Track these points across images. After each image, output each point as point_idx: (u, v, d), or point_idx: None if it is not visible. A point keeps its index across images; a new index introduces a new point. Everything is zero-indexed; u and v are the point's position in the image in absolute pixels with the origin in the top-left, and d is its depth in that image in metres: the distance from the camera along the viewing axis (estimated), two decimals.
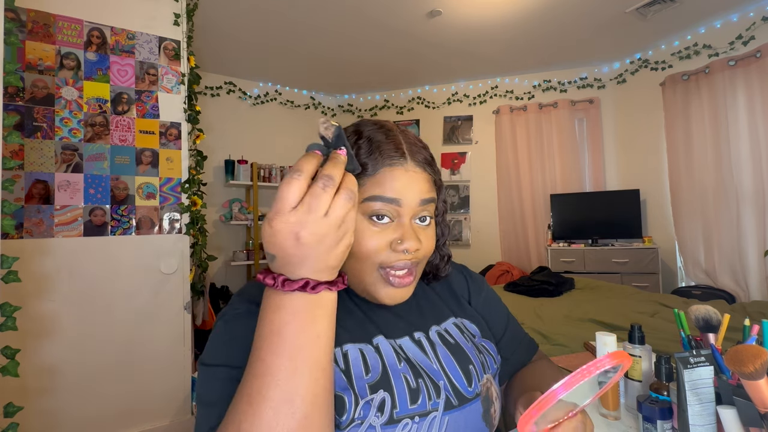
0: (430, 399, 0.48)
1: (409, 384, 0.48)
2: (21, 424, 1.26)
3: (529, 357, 0.69)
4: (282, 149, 4.20)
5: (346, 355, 0.49)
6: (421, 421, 0.47)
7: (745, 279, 2.82)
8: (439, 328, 0.58)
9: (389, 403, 0.46)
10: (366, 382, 0.47)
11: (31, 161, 1.72)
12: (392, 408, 0.46)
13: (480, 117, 4.17)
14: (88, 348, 1.78)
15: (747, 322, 0.69)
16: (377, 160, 0.50)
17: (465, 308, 0.65)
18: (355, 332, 0.52)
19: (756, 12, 2.79)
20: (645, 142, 3.55)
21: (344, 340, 0.50)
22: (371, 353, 0.50)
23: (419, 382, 0.49)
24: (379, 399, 0.46)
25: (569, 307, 2.18)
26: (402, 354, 0.52)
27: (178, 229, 2.01)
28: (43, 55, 1.76)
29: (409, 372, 0.50)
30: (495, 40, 3.29)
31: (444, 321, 0.60)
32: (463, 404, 0.50)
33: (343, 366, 0.48)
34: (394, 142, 0.52)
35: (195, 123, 2.15)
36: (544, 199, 3.83)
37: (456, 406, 0.50)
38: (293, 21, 2.91)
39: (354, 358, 0.49)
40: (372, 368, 0.49)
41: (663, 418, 0.66)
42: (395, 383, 0.48)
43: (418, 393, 0.48)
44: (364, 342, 0.51)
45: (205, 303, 2.60)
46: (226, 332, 0.47)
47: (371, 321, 0.54)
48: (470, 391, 0.52)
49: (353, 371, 0.48)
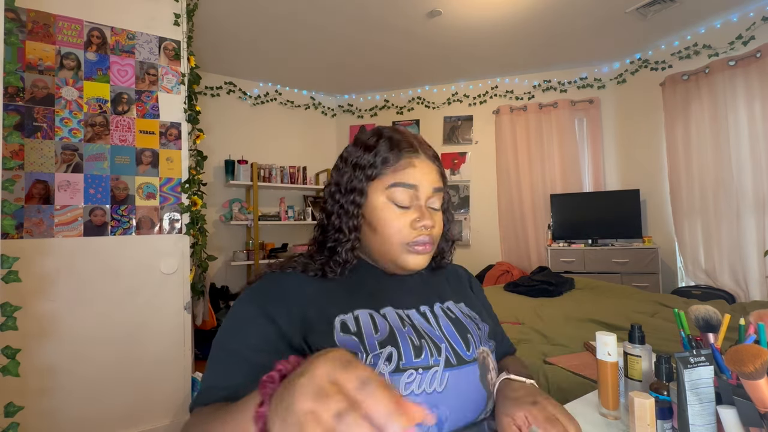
0: (431, 355, 0.55)
1: (413, 342, 0.55)
2: (21, 424, 1.26)
3: (509, 351, 0.79)
4: (282, 149, 4.20)
5: (357, 318, 0.56)
6: (425, 374, 0.53)
7: (745, 279, 2.82)
8: (442, 305, 0.65)
9: (396, 356, 0.53)
10: (375, 339, 0.54)
11: (31, 161, 1.72)
12: (398, 359, 0.52)
13: (480, 117, 4.17)
14: (89, 348, 1.78)
15: (742, 321, 0.69)
16: (397, 153, 0.61)
17: (468, 294, 0.73)
18: (366, 301, 0.59)
19: (756, 12, 2.79)
20: (645, 142, 3.54)
21: (356, 306, 0.57)
22: (379, 318, 0.57)
23: (422, 341, 0.56)
24: (387, 352, 0.53)
25: (569, 307, 2.18)
26: (407, 321, 0.59)
27: (178, 229, 2.01)
28: (43, 55, 1.76)
29: (413, 334, 0.57)
30: (495, 40, 3.29)
31: (447, 300, 0.67)
32: (461, 364, 0.57)
33: (355, 328, 0.55)
34: (408, 140, 0.63)
35: (195, 123, 2.15)
36: (544, 199, 3.83)
37: (454, 365, 0.56)
38: (293, 21, 2.91)
39: (365, 321, 0.56)
40: (380, 329, 0.56)
41: (663, 417, 0.66)
42: (401, 341, 0.55)
43: (421, 350, 0.55)
44: (374, 309, 0.58)
45: (205, 303, 2.60)
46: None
47: (383, 292, 0.62)
48: (468, 355, 0.58)
49: (364, 331, 0.54)
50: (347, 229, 0.61)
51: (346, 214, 0.61)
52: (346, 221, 0.61)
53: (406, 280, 0.66)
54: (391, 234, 0.60)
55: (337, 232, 0.62)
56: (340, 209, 0.62)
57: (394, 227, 0.59)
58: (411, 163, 0.61)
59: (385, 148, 0.61)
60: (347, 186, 0.62)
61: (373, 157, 0.61)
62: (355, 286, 0.61)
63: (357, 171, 0.61)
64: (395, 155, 0.61)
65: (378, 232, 0.60)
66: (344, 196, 0.62)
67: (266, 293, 0.57)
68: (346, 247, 0.61)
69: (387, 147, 0.61)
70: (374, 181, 0.61)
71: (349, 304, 0.57)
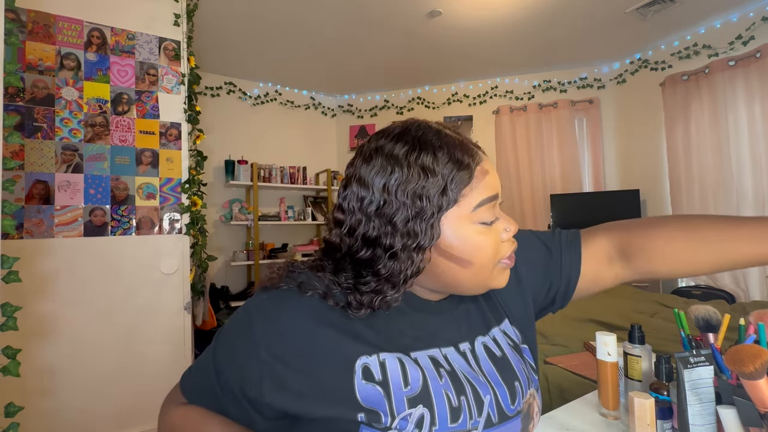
0: (471, 418, 0.45)
1: (450, 400, 0.45)
2: (21, 424, 1.26)
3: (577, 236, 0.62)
4: (282, 149, 4.20)
5: (384, 364, 0.45)
6: None
7: (745, 279, 2.82)
8: (485, 338, 0.54)
9: (428, 419, 0.43)
10: (404, 395, 0.44)
11: (32, 161, 1.72)
12: (431, 425, 0.43)
13: (480, 117, 4.17)
14: (89, 348, 1.78)
15: (742, 321, 0.69)
16: (468, 164, 0.47)
17: (509, 305, 0.60)
18: (396, 339, 0.48)
19: (756, 12, 2.79)
20: (645, 142, 3.55)
21: (382, 347, 0.46)
22: (411, 365, 0.46)
23: (461, 399, 0.46)
24: (418, 414, 0.43)
25: (569, 307, 2.17)
26: (445, 366, 0.48)
27: (178, 229, 2.01)
28: (44, 55, 1.76)
29: (451, 388, 0.46)
30: (495, 40, 3.29)
31: (492, 327, 0.56)
32: (503, 422, 0.48)
33: (380, 376, 0.44)
34: (465, 142, 0.49)
35: (195, 123, 2.15)
36: (544, 199, 3.83)
37: (495, 423, 0.47)
38: (293, 21, 2.91)
39: (392, 369, 0.45)
40: (411, 380, 0.45)
41: (663, 417, 0.66)
42: (435, 399, 0.44)
43: (459, 411, 0.45)
44: (404, 352, 0.47)
45: (205, 303, 2.59)
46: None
47: (417, 326, 0.50)
48: (512, 409, 0.49)
49: (391, 381, 0.44)
50: (404, 279, 0.46)
51: (404, 263, 0.46)
52: (405, 270, 0.46)
53: (443, 306, 0.54)
54: (489, 258, 0.48)
55: (381, 282, 0.46)
56: (391, 258, 0.46)
57: (491, 249, 0.48)
58: (484, 169, 0.48)
59: (450, 164, 0.46)
60: (408, 228, 0.45)
61: (441, 181, 0.45)
62: (381, 317, 0.48)
63: (421, 204, 0.45)
64: (468, 169, 0.46)
65: (473, 264, 0.47)
66: (402, 240, 0.45)
67: (273, 333, 0.45)
68: (395, 297, 0.47)
69: (452, 162, 0.46)
70: (451, 210, 0.46)
71: (374, 342, 0.46)
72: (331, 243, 0.50)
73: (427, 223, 0.45)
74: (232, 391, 0.45)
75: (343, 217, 0.48)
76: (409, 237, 0.45)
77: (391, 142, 0.48)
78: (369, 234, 0.46)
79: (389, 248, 0.45)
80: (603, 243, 0.60)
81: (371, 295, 0.46)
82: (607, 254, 0.60)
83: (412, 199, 0.45)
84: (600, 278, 0.60)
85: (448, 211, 0.46)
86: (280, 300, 0.47)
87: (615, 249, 0.60)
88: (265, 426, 0.46)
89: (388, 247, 0.45)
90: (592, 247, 0.60)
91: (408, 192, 0.45)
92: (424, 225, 0.45)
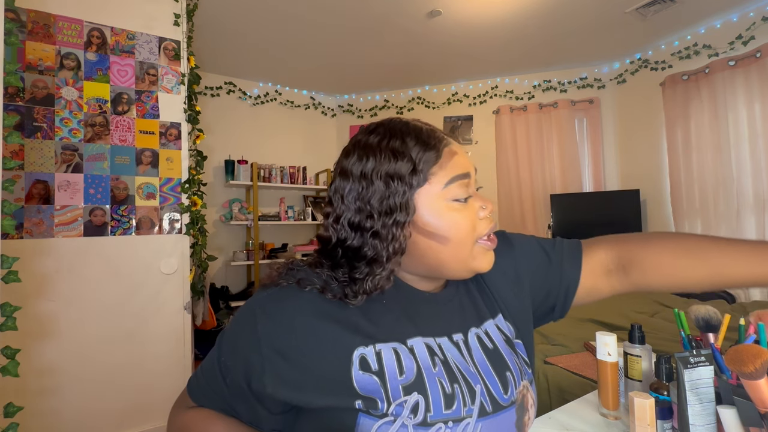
0: (464, 405, 0.48)
1: (444, 388, 0.48)
2: (21, 424, 1.26)
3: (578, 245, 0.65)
4: (282, 149, 4.20)
5: (380, 354, 0.47)
6: (455, 426, 0.46)
7: None
8: (478, 330, 0.56)
9: (423, 406, 0.46)
10: (400, 383, 0.46)
11: (31, 161, 1.72)
12: (426, 411, 0.45)
13: (480, 117, 4.18)
14: (88, 348, 1.78)
15: (742, 321, 0.69)
16: (435, 147, 0.52)
17: (505, 300, 0.62)
18: (391, 329, 0.50)
19: (756, 12, 2.79)
20: (645, 142, 3.54)
21: (378, 338, 0.49)
22: (406, 354, 0.49)
23: (454, 387, 0.48)
24: (413, 401, 0.45)
25: None
26: (439, 356, 0.50)
27: (178, 229, 2.01)
28: (43, 55, 1.76)
29: (445, 376, 0.49)
30: (495, 40, 3.29)
31: (486, 320, 0.58)
32: (497, 411, 0.50)
33: (376, 366, 0.46)
34: (432, 128, 0.54)
35: (195, 123, 2.15)
36: (544, 199, 3.83)
37: (490, 413, 0.49)
38: (293, 21, 2.91)
39: (388, 359, 0.47)
40: (406, 369, 0.47)
41: (663, 417, 0.66)
42: (430, 387, 0.47)
43: (453, 398, 0.47)
44: (399, 341, 0.49)
45: (205, 303, 2.59)
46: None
47: (412, 316, 0.53)
48: (505, 399, 0.51)
49: (387, 370, 0.47)
50: (387, 256, 0.50)
51: (386, 240, 0.50)
52: (387, 247, 0.50)
53: (438, 297, 0.56)
54: (466, 234, 0.51)
55: (371, 264, 0.50)
56: (374, 237, 0.50)
57: (467, 225, 0.51)
58: (452, 151, 0.52)
59: (418, 146, 0.51)
60: (384, 206, 0.50)
61: (409, 162, 0.50)
62: (378, 309, 0.51)
63: (394, 184, 0.50)
64: (435, 150, 0.51)
65: (451, 240, 0.50)
66: (380, 219, 0.50)
67: (274, 329, 0.47)
68: (384, 276, 0.50)
69: (419, 144, 0.51)
70: (423, 188, 0.51)
71: (371, 333, 0.48)
72: (323, 237, 0.54)
73: (402, 198, 0.49)
74: (239, 387, 0.47)
75: (331, 209, 0.53)
76: (387, 215, 0.49)
77: (366, 135, 0.54)
78: (353, 219, 0.51)
79: (371, 228, 0.50)
80: (602, 256, 0.62)
81: (364, 280, 0.49)
82: (606, 267, 0.62)
83: (386, 180, 0.50)
84: (596, 290, 0.62)
85: (421, 188, 0.50)
86: (280, 296, 0.49)
87: (613, 262, 0.61)
88: (272, 422, 0.48)
89: (370, 227, 0.50)
90: (592, 260, 0.62)
91: (381, 174, 0.50)
92: (398, 200, 0.49)
